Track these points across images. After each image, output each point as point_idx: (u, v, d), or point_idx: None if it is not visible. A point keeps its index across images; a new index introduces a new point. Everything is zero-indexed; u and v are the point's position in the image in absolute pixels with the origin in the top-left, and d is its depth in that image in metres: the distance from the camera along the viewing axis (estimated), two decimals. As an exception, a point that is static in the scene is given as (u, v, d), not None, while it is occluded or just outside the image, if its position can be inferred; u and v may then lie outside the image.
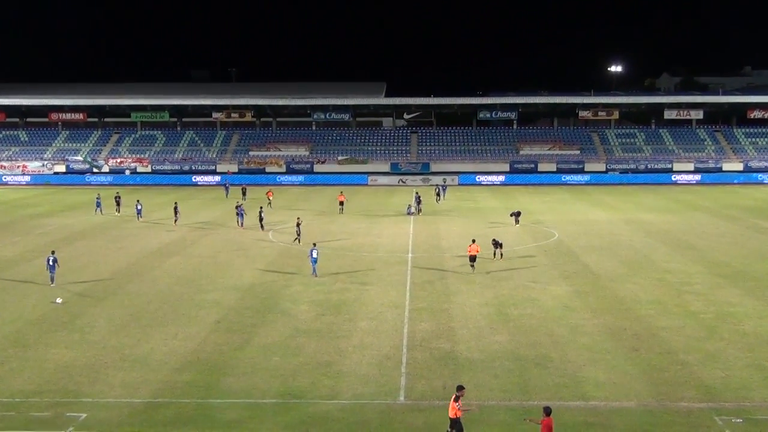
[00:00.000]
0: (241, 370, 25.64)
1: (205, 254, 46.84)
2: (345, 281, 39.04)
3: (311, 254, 40.41)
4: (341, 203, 66.79)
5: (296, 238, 50.21)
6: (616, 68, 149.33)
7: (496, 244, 44.73)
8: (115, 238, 53.36)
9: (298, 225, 51.03)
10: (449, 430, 20.05)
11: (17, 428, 21.17)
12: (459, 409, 19.92)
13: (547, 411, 19.24)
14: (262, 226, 56.27)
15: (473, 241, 42.65)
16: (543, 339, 28.99)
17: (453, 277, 40.03)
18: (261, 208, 59.78)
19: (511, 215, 59.38)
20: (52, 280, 38.17)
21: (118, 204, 66.89)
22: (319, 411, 22.28)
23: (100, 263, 43.77)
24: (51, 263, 38.13)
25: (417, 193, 69.35)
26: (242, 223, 57.31)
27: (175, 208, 60.90)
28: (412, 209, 65.59)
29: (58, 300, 34.63)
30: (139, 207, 64.48)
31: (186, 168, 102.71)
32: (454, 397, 20.09)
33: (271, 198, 70.91)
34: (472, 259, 41.57)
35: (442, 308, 33.64)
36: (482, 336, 29.43)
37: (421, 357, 26.99)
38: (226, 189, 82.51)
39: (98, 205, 66.99)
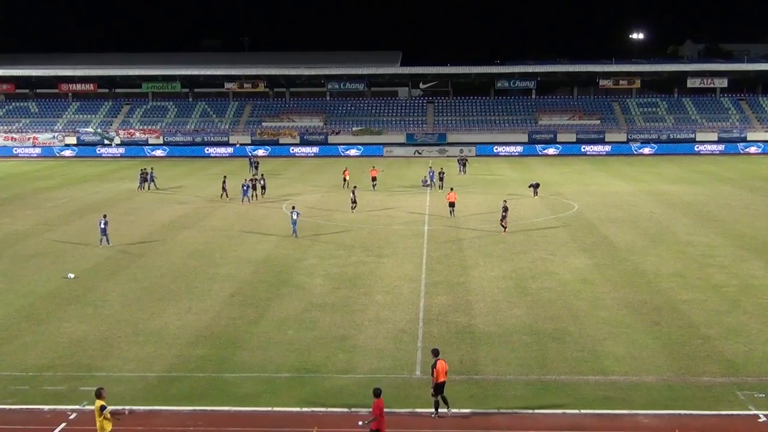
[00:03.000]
0: (255, 344, 25.81)
1: (218, 227, 47.02)
2: (360, 254, 39.11)
3: (291, 216, 43.55)
4: (374, 178, 64.18)
5: (353, 206, 51.50)
6: (637, 35, 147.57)
7: (504, 216, 44.27)
8: (127, 210, 53.63)
9: (353, 192, 52.44)
10: (441, 397, 20.44)
11: (31, 402, 21.46)
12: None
13: (377, 393, 18.68)
14: (248, 198, 56.50)
15: (451, 189, 52.25)
16: (561, 313, 28.98)
17: (470, 249, 40.01)
18: (254, 178, 60.10)
19: (530, 187, 59.24)
20: (107, 241, 41.44)
21: (144, 180, 64.70)
22: (334, 385, 22.42)
23: (111, 236, 43.93)
24: (103, 226, 41.50)
25: (441, 168, 66.86)
26: (246, 200, 56.34)
27: (224, 184, 59.23)
28: (428, 181, 65.42)
29: (71, 275, 34.91)
30: (152, 175, 65.03)
31: (198, 140, 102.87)
32: (441, 359, 20.64)
33: (376, 175, 64.93)
34: (451, 205, 49.60)
35: (459, 281, 33.67)
36: (500, 310, 29.45)
37: (437, 331, 27.06)
38: (251, 163, 77.27)
39: (151, 179, 65.72)
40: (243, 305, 30.38)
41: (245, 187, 56.80)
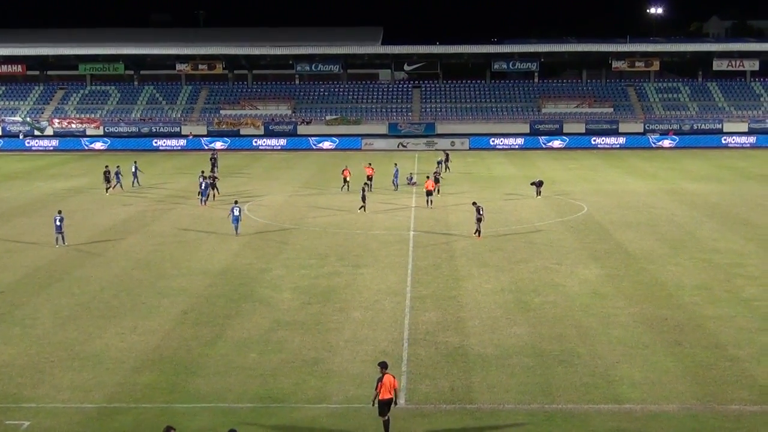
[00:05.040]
0: (212, 370, 25.72)
1: (168, 233, 46.85)
2: (335, 264, 39.09)
3: (232, 212, 45.47)
4: (369, 178, 62.80)
5: (362, 206, 52.33)
6: (656, 10, 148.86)
7: (480, 217, 44.29)
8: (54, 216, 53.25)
9: (363, 190, 53.70)
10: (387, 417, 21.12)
11: (-52, 438, 21.26)
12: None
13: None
14: (206, 198, 56.01)
15: (427, 177, 57.32)
16: (569, 331, 29.08)
17: (463, 258, 40.09)
18: (214, 176, 60.15)
19: (532, 185, 59.45)
20: (63, 239, 43.03)
21: (108, 179, 62.62)
22: (304, 416, 22.38)
23: (43, 244, 43.71)
24: (59, 223, 42.87)
25: (436, 169, 66.10)
26: (205, 200, 55.87)
27: (214, 184, 58.23)
28: (414, 179, 65.56)
29: (-6, 288, 34.68)
30: (136, 170, 65.81)
31: (145, 130, 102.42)
32: (389, 374, 21.44)
33: (372, 174, 63.44)
34: (428, 193, 54.16)
35: (450, 295, 33.73)
36: (497, 328, 29.51)
37: (425, 353, 27.08)
38: (213, 161, 73.48)
39: (135, 175, 65.64)
40: (197, 324, 30.25)
41: (204, 186, 56.48)
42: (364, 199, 52.83)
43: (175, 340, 28.53)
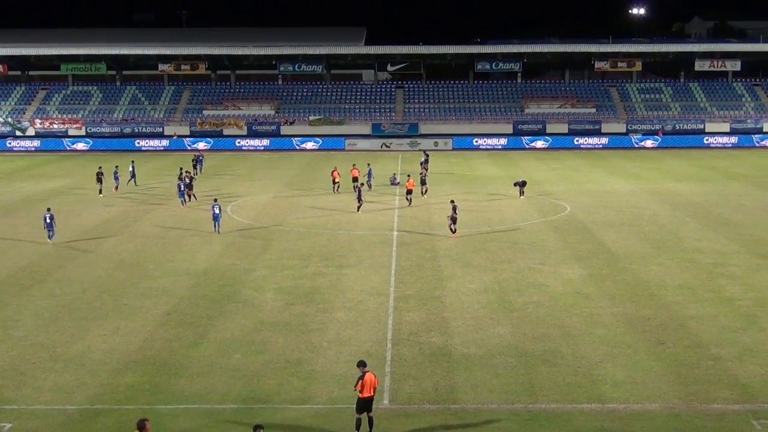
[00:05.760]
0: (195, 371, 25.67)
1: (151, 233, 46.70)
2: (318, 264, 39.08)
3: (213, 210, 46.25)
4: (355, 179, 62.37)
5: (359, 206, 52.74)
6: (638, 11, 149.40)
7: (454, 218, 44.60)
8: (42, 214, 52.96)
9: (359, 190, 53.87)
10: (368, 417, 21.24)
11: (-72, 441, 21.12)
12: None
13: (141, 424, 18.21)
14: (185, 200, 55.55)
15: (409, 176, 58.01)
16: (552, 331, 29.16)
17: (446, 258, 40.15)
18: (187, 173, 59.58)
19: (515, 185, 59.58)
20: (49, 237, 43.42)
21: (100, 180, 61.53)
22: (288, 417, 22.35)
23: (25, 245, 43.53)
24: (48, 221, 43.47)
25: (422, 170, 66.28)
26: (184, 201, 55.49)
27: (190, 184, 56.99)
28: (397, 179, 65.63)
29: (-25, 289, 34.48)
30: (133, 170, 65.71)
31: (127, 131, 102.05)
32: (370, 372, 21.55)
33: (357, 175, 62.92)
34: (408, 192, 55.43)
35: (434, 295, 33.77)
36: (481, 328, 29.57)
37: (408, 353, 27.10)
38: (196, 163, 74.02)
39: (132, 175, 65.53)
40: (181, 325, 30.17)
41: (181, 187, 56.24)
42: (359, 199, 52.96)
43: (158, 341, 28.44)
